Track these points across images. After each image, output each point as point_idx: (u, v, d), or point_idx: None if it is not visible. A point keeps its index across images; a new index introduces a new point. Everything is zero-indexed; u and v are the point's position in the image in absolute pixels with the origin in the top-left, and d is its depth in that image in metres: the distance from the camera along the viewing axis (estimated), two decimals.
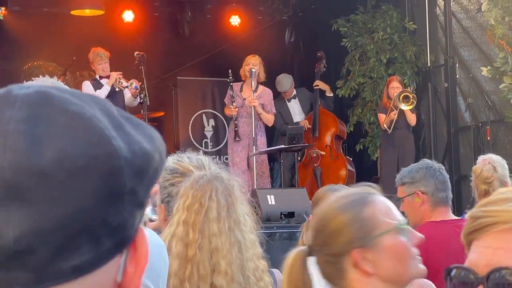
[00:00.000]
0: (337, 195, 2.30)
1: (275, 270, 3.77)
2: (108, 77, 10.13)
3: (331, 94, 11.98)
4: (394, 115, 10.58)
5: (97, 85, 10.10)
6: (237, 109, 10.29)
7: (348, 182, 11.09)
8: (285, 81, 11.60)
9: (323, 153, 11.35)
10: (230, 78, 10.47)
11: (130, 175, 0.83)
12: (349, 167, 11.73)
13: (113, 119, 0.85)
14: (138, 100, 10.15)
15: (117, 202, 0.82)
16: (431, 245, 4.01)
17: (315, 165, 11.22)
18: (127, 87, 10.15)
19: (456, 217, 4.48)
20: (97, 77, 10.23)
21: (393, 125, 10.65)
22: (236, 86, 10.50)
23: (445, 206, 4.26)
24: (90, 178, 0.80)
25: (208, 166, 2.99)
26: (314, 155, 11.23)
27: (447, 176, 4.40)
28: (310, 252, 2.25)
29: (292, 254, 2.28)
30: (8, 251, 0.78)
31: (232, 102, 10.35)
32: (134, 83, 10.08)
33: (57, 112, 0.82)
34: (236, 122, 10.30)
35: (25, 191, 0.78)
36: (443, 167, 4.39)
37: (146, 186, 0.86)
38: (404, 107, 10.54)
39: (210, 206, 2.64)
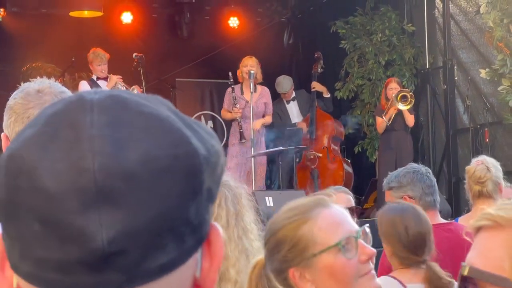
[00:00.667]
0: (286, 206, 2.21)
1: None
2: (105, 78, 10.06)
3: (328, 95, 11.95)
4: (394, 110, 10.54)
5: (95, 86, 10.04)
6: (241, 110, 10.26)
7: (346, 183, 11.08)
8: (285, 82, 11.60)
9: (320, 155, 11.33)
10: (231, 80, 10.45)
11: (207, 172, 0.85)
12: (346, 168, 11.71)
13: (182, 119, 0.87)
14: None
15: (197, 200, 0.84)
16: None
17: (312, 167, 11.19)
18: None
19: (444, 221, 4.48)
20: (94, 77, 10.16)
21: (391, 120, 10.62)
22: (236, 88, 10.47)
23: (433, 210, 4.27)
24: (174, 177, 0.82)
25: None
26: (312, 157, 11.21)
27: (434, 180, 4.40)
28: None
29: (253, 262, 2.21)
30: (101, 253, 0.79)
31: (235, 104, 10.30)
32: (136, 89, 10.05)
33: (134, 114, 0.83)
34: (240, 123, 10.25)
35: (115, 194, 0.79)
36: (430, 171, 4.40)
37: (217, 183, 0.89)
38: (402, 106, 10.51)
39: (219, 214, 2.62)
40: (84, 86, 9.92)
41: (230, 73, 10.47)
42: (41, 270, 0.81)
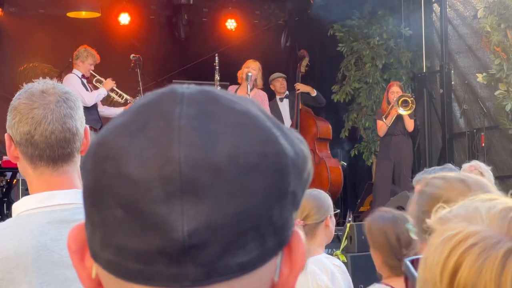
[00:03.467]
0: None
1: None
2: (86, 78, 9.89)
3: (315, 93, 11.76)
4: (395, 112, 10.54)
5: (82, 83, 9.82)
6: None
7: (333, 186, 11.04)
8: (276, 74, 11.53)
9: None
10: (216, 62, 10.38)
11: (294, 175, 0.84)
12: (333, 171, 11.54)
13: (272, 120, 0.86)
14: None
15: (282, 201, 0.83)
16: None
17: None
18: (120, 96, 10.08)
19: None
20: (79, 74, 9.90)
21: (391, 122, 10.61)
22: (232, 89, 10.44)
23: None
24: (261, 175, 0.81)
25: None
26: None
27: None
28: None
29: None
30: (181, 245, 0.78)
31: None
32: (128, 100, 10.01)
33: (225, 110, 0.83)
34: None
35: (200, 186, 0.78)
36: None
37: (303, 188, 0.87)
38: (402, 111, 10.52)
39: None
40: (73, 79, 9.68)
41: (216, 54, 10.42)
42: (121, 258, 0.81)
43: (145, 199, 0.78)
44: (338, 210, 4.62)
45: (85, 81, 9.88)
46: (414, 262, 1.40)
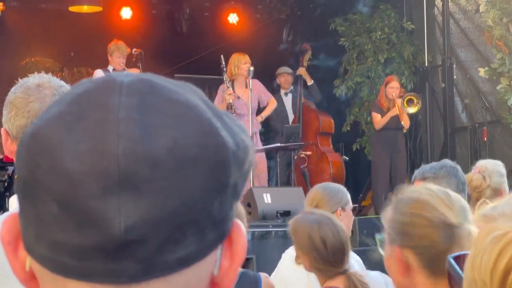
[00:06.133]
0: None
1: (262, 274, 3.75)
2: (122, 71, 9.96)
3: (311, 82, 11.69)
4: (395, 112, 10.53)
5: None
6: (233, 92, 10.09)
7: (335, 180, 11.03)
8: (284, 68, 11.56)
9: (309, 153, 11.24)
10: (222, 63, 10.31)
11: (235, 167, 0.82)
12: (335, 165, 11.53)
13: (213, 109, 0.84)
14: None
15: (222, 194, 0.81)
16: None
17: (301, 166, 11.10)
18: None
19: None
20: (110, 69, 9.96)
21: (388, 119, 10.62)
22: (225, 87, 10.28)
23: None
24: (201, 168, 0.79)
25: None
26: (302, 155, 11.11)
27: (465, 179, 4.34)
28: None
29: None
30: (118, 240, 0.76)
31: (228, 87, 10.11)
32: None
33: (164, 100, 0.80)
34: (233, 108, 10.05)
35: (138, 180, 0.76)
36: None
37: (244, 179, 0.85)
38: (411, 110, 10.50)
39: None
40: (98, 74, 9.76)
41: (221, 56, 10.35)
42: (57, 253, 0.78)
43: (81, 195, 0.76)
44: (356, 205, 4.58)
45: None
46: (456, 260, 1.38)
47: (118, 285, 0.79)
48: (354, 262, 4.28)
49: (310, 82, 11.64)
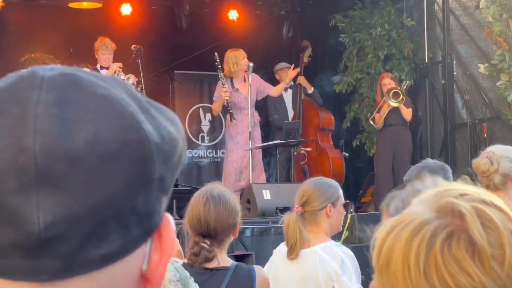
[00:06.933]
0: None
1: (256, 267, 3.77)
2: (108, 68, 10.01)
3: (311, 91, 11.63)
4: (387, 107, 10.57)
5: None
6: (229, 89, 10.09)
7: (334, 177, 11.02)
8: (283, 64, 11.55)
9: (309, 149, 11.23)
10: (217, 61, 10.31)
11: (160, 161, 0.81)
12: (335, 161, 11.52)
13: (139, 103, 0.83)
14: None
15: (147, 189, 0.80)
16: None
17: (301, 163, 11.10)
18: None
19: None
20: (98, 66, 10.06)
21: (382, 120, 10.64)
22: (221, 84, 10.26)
23: None
24: (122, 163, 0.78)
25: None
26: (302, 152, 11.10)
27: (446, 177, 4.27)
28: None
29: None
30: (37, 238, 0.75)
31: (223, 85, 10.09)
32: (132, 78, 10.02)
33: (86, 95, 0.79)
34: (229, 104, 10.06)
35: (56, 176, 0.75)
36: (444, 167, 4.27)
37: (172, 172, 0.84)
38: (393, 103, 10.56)
39: None
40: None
41: (216, 54, 10.35)
42: None
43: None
44: (348, 201, 4.54)
45: (104, 72, 9.88)
46: None
47: (41, 283, 0.78)
48: (346, 257, 4.27)
49: (310, 90, 11.59)
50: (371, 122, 10.92)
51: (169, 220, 0.86)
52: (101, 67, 10.05)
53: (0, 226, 0.76)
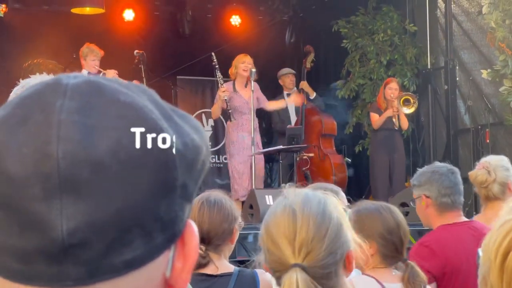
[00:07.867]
0: None
1: (259, 270, 3.75)
2: (96, 74, 9.97)
3: (313, 96, 11.63)
4: (391, 112, 10.53)
5: None
6: (226, 88, 10.13)
7: (337, 182, 11.00)
8: (286, 69, 11.58)
9: (311, 155, 11.22)
10: (214, 61, 10.36)
11: (183, 168, 0.82)
12: (337, 167, 11.51)
13: (162, 110, 0.83)
14: None
15: (169, 196, 0.81)
16: (444, 246, 4.04)
17: (304, 168, 11.08)
18: None
19: (467, 219, 4.39)
20: (86, 73, 10.04)
21: (384, 120, 10.61)
22: (228, 85, 10.32)
23: (452, 211, 4.17)
24: (145, 170, 0.78)
25: None
26: (305, 157, 11.09)
27: (457, 180, 4.26)
28: None
29: None
30: (61, 244, 0.76)
31: (226, 100, 10.14)
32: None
33: (109, 102, 0.80)
34: (227, 103, 10.08)
35: (80, 183, 0.76)
36: (455, 171, 4.27)
37: (195, 180, 0.85)
38: (406, 110, 10.51)
39: None
40: None
41: (213, 53, 10.40)
42: (2, 257, 0.78)
43: (23, 197, 0.76)
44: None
45: None
46: None
47: None
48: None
49: (312, 95, 11.61)
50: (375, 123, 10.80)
51: (193, 227, 0.86)
52: (89, 73, 9.99)
53: (25, 232, 0.77)
